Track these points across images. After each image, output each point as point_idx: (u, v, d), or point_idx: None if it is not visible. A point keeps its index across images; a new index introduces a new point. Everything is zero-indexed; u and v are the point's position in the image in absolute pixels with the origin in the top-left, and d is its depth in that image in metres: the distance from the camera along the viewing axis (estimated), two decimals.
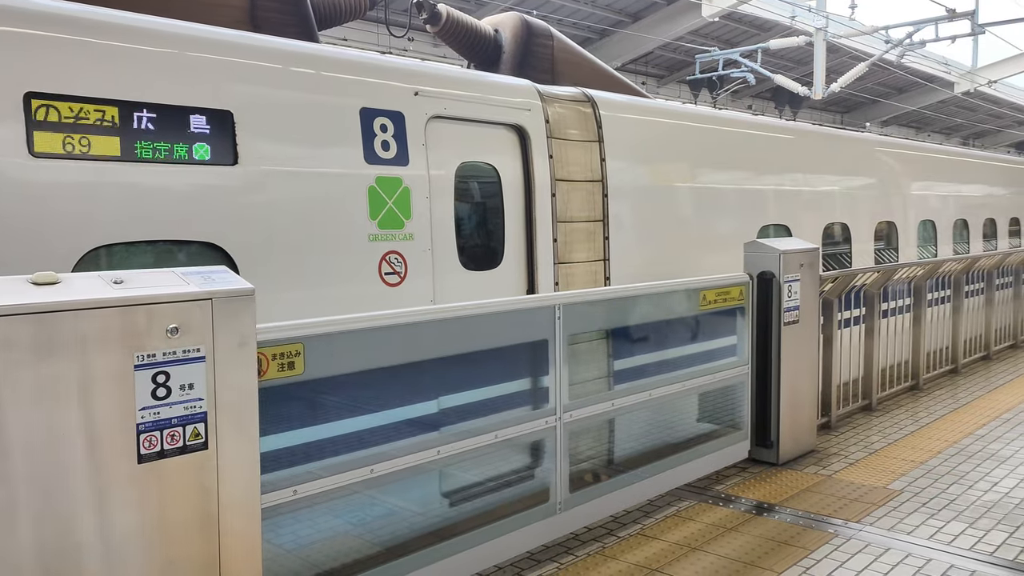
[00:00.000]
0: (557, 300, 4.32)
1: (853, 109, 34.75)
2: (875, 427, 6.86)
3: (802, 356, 5.98)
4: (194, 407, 2.75)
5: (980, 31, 18.06)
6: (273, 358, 3.12)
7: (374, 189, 4.80)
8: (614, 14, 22.04)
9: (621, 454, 5.05)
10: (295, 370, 3.20)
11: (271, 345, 3.11)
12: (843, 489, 5.31)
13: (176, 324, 2.68)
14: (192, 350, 2.73)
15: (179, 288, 2.74)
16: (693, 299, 5.22)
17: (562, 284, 5.87)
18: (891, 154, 10.78)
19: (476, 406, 4.12)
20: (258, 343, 2.96)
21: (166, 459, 2.70)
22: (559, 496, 4.39)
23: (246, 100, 4.34)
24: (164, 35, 4.17)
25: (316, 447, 3.45)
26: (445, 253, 5.16)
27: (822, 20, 17.86)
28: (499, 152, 5.60)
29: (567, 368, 4.36)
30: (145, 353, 2.63)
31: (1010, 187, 14.08)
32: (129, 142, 3.91)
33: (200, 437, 2.77)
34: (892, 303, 7.91)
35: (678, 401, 5.31)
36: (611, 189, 6.31)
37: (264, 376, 3.07)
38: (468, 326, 3.93)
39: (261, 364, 3.05)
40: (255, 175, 4.32)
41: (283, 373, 3.16)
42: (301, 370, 3.21)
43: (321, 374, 3.32)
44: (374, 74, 5.02)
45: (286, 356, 3.17)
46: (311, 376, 3.26)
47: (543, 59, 7.05)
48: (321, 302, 4.51)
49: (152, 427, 2.66)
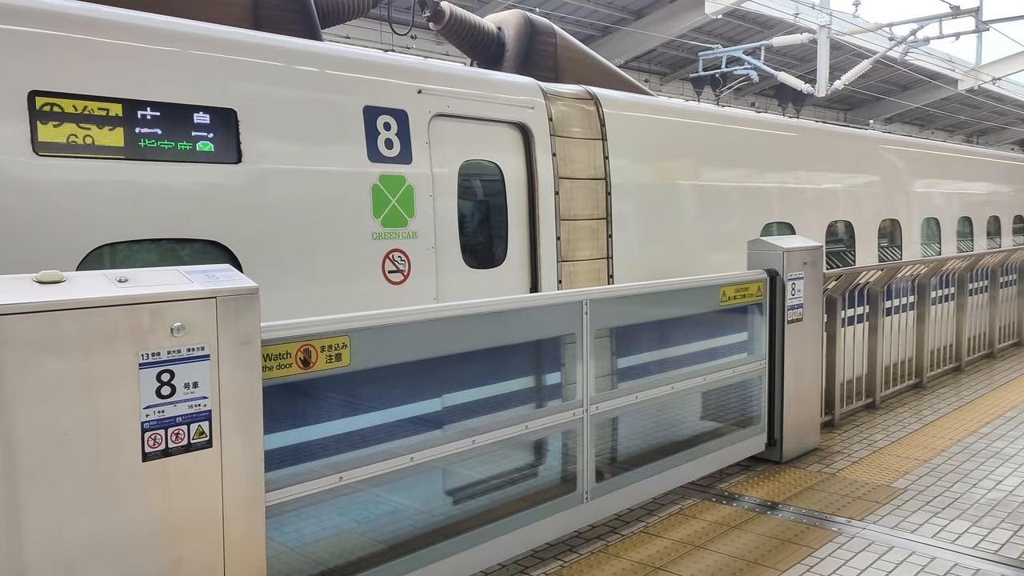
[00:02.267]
0: (585, 296, 4.37)
1: (857, 106, 34.69)
2: (879, 425, 6.85)
3: (806, 354, 5.97)
4: (199, 405, 2.75)
5: (984, 28, 18.02)
6: (322, 350, 3.23)
7: (377, 187, 4.80)
8: (617, 11, 22.03)
9: (641, 447, 5.08)
10: (342, 361, 3.30)
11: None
12: (847, 487, 5.30)
13: (180, 323, 2.68)
14: (196, 348, 2.74)
15: (183, 287, 2.74)
16: (714, 295, 5.25)
17: (565, 282, 5.87)
18: (894, 151, 10.75)
19: (506, 398, 4.24)
20: (305, 336, 3.10)
21: (171, 457, 2.70)
22: (586, 486, 4.43)
23: (250, 98, 4.34)
24: (168, 33, 4.17)
25: (358, 436, 3.54)
26: (448, 251, 5.17)
27: (826, 17, 17.83)
28: (502, 150, 5.60)
29: (594, 361, 4.40)
30: (149, 352, 2.64)
31: (1014, 184, 14.05)
32: (133, 140, 3.91)
33: (205, 435, 2.77)
34: (896, 301, 7.90)
35: (694, 396, 5.36)
36: (614, 187, 6.31)
37: (313, 367, 3.20)
38: (501, 321, 4.02)
39: (311, 356, 3.16)
40: (259, 173, 4.32)
41: (330, 365, 3.28)
42: (348, 362, 3.32)
43: (364, 366, 3.42)
44: (377, 72, 5.02)
45: (334, 348, 3.29)
46: (356, 367, 3.36)
47: (546, 57, 7.05)
48: (325, 300, 4.52)
49: (157, 425, 2.67)
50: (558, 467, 4.57)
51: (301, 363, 3.19)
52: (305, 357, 3.19)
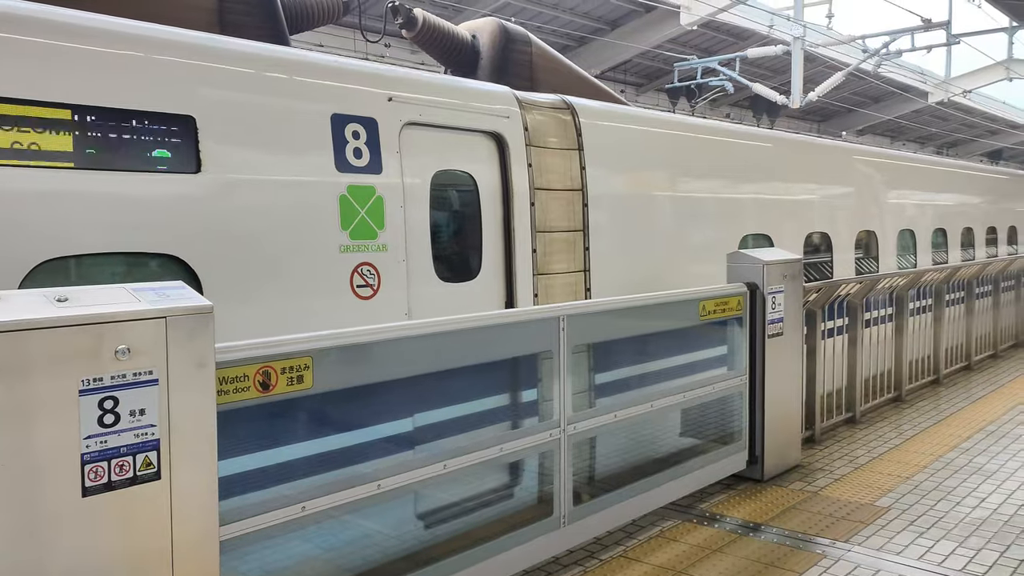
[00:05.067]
0: (561, 312, 4.20)
1: (829, 118, 34.98)
2: (859, 440, 6.75)
3: (786, 369, 5.86)
4: (146, 434, 2.54)
5: (955, 41, 18.20)
6: (282, 372, 3.04)
7: (345, 198, 4.60)
8: (593, 22, 21.99)
9: (619, 465, 4.91)
10: (304, 384, 3.11)
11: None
12: (830, 507, 5.17)
13: (126, 345, 2.47)
14: (144, 373, 2.53)
15: (130, 306, 2.54)
16: (693, 309, 5.11)
17: (541, 296, 5.70)
18: (870, 163, 10.74)
19: (479, 418, 4.06)
20: (264, 357, 2.92)
21: (114, 491, 2.49)
22: (563, 509, 4.24)
23: (210, 105, 4.13)
24: (123, 36, 3.96)
25: (322, 461, 3.34)
26: (420, 265, 4.98)
27: (800, 29, 17.90)
28: (477, 160, 5.43)
29: (571, 380, 4.23)
30: (91, 377, 2.43)
31: (986, 196, 14.14)
32: (83, 148, 3.69)
33: (152, 467, 2.56)
34: (874, 312, 7.83)
35: (673, 413, 5.21)
36: (591, 198, 6.15)
37: (273, 390, 3.01)
38: (474, 338, 3.86)
39: (271, 378, 2.97)
40: (219, 183, 4.11)
41: (291, 388, 3.09)
42: (310, 384, 3.13)
43: (328, 388, 3.23)
44: (346, 78, 4.84)
45: (295, 370, 3.09)
46: (319, 390, 3.17)
47: (522, 65, 6.90)
48: (290, 317, 4.32)
49: (99, 457, 2.46)
50: (534, 488, 4.39)
51: (260, 386, 2.99)
52: (264, 380, 2.99)
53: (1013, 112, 38.02)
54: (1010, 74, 27.83)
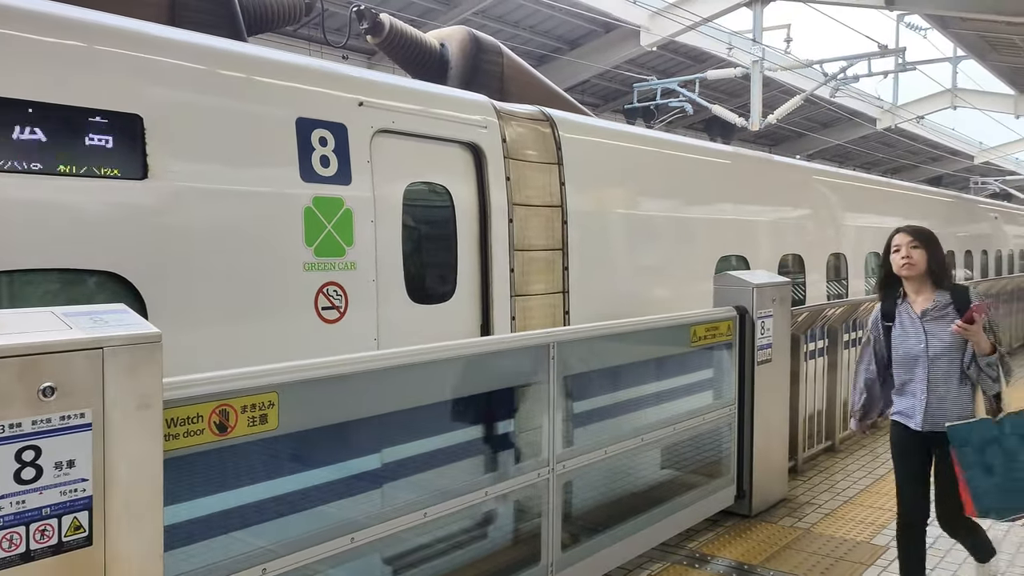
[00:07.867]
0: (552, 338, 3.83)
1: (781, 142, 35.45)
2: (840, 470, 6.51)
3: (774, 398, 5.58)
4: (75, 491, 2.09)
5: (911, 67, 18.48)
6: (243, 410, 2.60)
7: (311, 211, 4.16)
8: (552, 40, 21.85)
9: (604, 503, 4.53)
10: (267, 424, 2.68)
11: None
12: (824, 546, 4.87)
13: (52, 383, 2.02)
14: (74, 416, 2.08)
15: (58, 334, 2.08)
16: (684, 335, 4.79)
17: (519, 319, 5.31)
18: (841, 186, 10.69)
19: (460, 453, 3.65)
20: (222, 394, 2.49)
21: (33, 562, 2.02)
22: (551, 557, 3.84)
23: (160, 104, 3.67)
24: (59, 22, 3.48)
25: (286, 511, 2.90)
26: (391, 284, 4.55)
27: (760, 50, 17.95)
28: (452, 172, 5.03)
29: (562, 413, 3.84)
30: (7, 423, 1.97)
31: (955, 221, 14.40)
32: (8, 149, 3.20)
33: (82, 530, 2.10)
34: (852, 334, 7.62)
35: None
36: (571, 215, 5.80)
37: (232, 432, 2.57)
38: (457, 368, 3.48)
39: (229, 418, 2.54)
40: (168, 191, 3.64)
41: (253, 429, 2.64)
42: (275, 425, 2.69)
43: (295, 428, 2.81)
44: (313, 80, 4.41)
45: (257, 408, 2.65)
46: (286, 431, 2.75)
47: (492, 76, 6.55)
48: (247, 342, 3.86)
49: (15, 521, 2.00)
50: (518, 532, 3.98)
51: (216, 428, 2.55)
52: (221, 420, 2.55)
53: (958, 140, 39.11)
54: (955, 102, 28.53)
